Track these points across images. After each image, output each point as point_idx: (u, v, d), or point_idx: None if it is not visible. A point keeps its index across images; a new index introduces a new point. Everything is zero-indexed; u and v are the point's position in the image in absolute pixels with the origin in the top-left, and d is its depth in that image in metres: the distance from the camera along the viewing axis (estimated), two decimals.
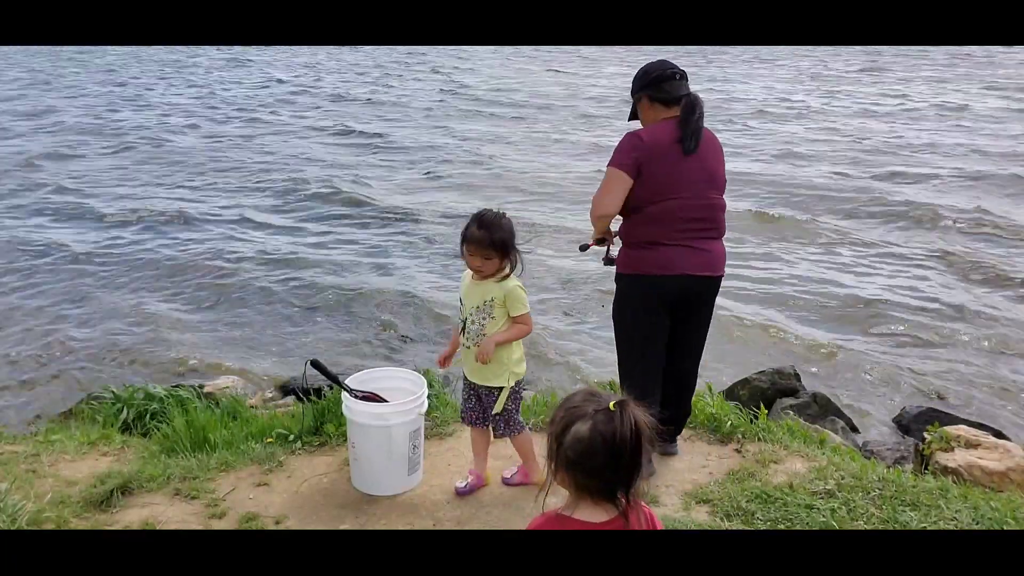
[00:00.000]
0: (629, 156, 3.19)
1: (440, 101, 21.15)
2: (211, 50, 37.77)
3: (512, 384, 3.16)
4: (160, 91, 23.80)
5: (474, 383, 3.21)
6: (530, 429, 3.91)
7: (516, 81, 25.34)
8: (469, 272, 3.13)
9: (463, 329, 3.15)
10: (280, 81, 26.44)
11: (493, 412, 3.17)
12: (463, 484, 3.33)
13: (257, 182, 12.44)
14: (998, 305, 7.31)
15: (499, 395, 3.15)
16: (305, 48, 37.32)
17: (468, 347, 3.14)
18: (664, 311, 3.30)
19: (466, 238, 3.00)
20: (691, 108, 3.17)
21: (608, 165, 3.23)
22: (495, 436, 3.30)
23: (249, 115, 18.99)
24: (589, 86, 23.60)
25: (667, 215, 3.18)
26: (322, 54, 36.23)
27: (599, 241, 3.50)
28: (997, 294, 7.58)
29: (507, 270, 3.05)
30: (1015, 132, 15.14)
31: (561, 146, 14.98)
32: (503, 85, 24.19)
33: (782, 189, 11.39)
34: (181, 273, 8.47)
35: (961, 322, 6.97)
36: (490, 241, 2.96)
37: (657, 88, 3.24)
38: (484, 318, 3.07)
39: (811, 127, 16.38)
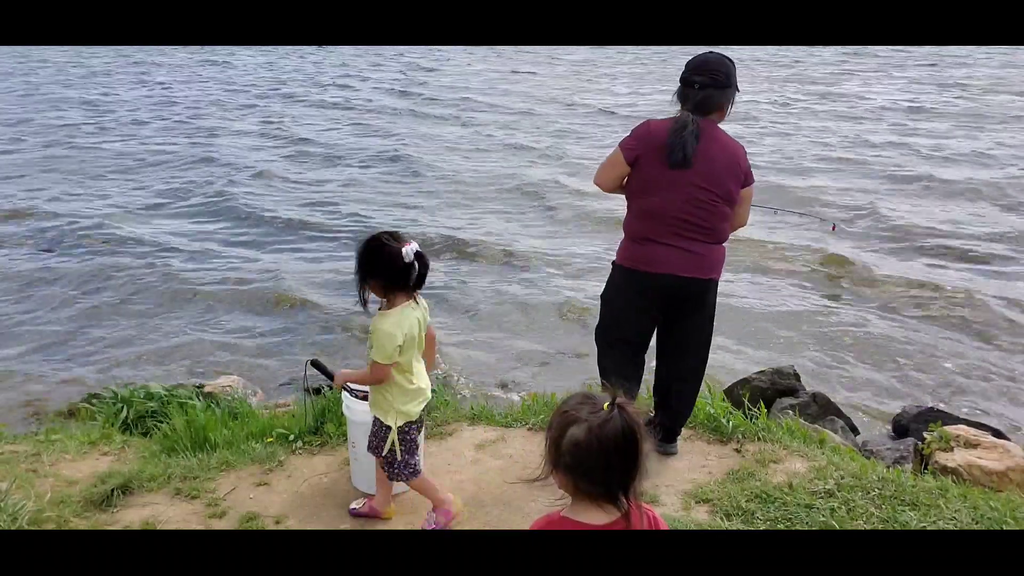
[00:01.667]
0: (632, 142, 3.23)
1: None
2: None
3: (400, 424, 2.88)
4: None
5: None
6: (529, 429, 3.92)
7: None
8: None
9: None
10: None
11: (382, 451, 2.91)
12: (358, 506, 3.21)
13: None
14: (998, 305, 7.31)
15: (388, 433, 2.90)
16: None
17: None
18: (653, 308, 3.32)
19: None
20: (680, 125, 3.12)
21: (619, 144, 3.27)
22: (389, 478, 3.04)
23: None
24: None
25: (658, 213, 3.19)
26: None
27: None
28: (996, 293, 7.58)
29: (378, 300, 2.78)
30: None
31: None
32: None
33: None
34: (180, 272, 8.47)
35: (960, 321, 6.97)
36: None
37: (680, 88, 3.25)
38: (369, 347, 2.84)
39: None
